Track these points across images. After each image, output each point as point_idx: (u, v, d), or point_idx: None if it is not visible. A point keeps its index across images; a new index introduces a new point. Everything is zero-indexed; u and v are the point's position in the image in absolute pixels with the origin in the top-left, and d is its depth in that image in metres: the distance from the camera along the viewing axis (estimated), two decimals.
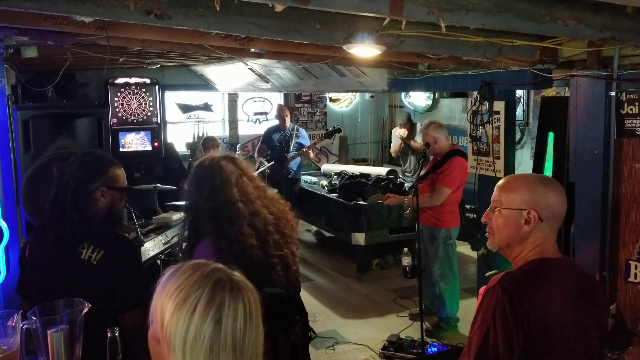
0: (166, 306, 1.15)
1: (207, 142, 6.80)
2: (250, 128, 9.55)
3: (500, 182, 1.76)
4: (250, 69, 6.98)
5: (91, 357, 1.78)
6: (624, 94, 3.28)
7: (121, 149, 7.04)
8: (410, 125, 7.33)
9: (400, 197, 4.91)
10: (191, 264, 1.21)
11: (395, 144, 7.53)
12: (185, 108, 9.11)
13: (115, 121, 7.15)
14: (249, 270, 1.57)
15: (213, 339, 1.11)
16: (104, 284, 2.00)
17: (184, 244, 2.24)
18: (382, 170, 7.11)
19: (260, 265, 2.15)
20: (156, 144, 7.30)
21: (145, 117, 7.40)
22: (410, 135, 7.19)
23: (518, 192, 1.66)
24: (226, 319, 1.12)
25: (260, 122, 9.54)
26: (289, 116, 6.95)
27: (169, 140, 8.31)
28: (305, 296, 5.49)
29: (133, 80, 7.43)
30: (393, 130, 7.98)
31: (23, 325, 1.72)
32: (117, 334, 1.72)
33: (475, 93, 4.54)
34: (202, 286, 1.14)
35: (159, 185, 5.65)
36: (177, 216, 5.22)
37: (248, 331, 1.15)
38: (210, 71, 8.22)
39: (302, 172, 7.35)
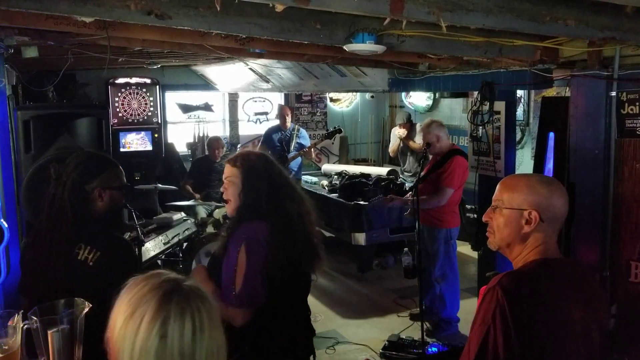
0: (117, 318, 1.14)
1: (212, 142, 6.82)
2: (251, 128, 9.55)
3: (502, 181, 1.76)
4: (250, 69, 6.98)
5: (87, 357, 1.77)
6: (624, 94, 3.28)
7: (122, 149, 7.05)
8: (410, 125, 7.32)
9: (403, 198, 4.90)
10: (147, 275, 1.21)
11: (393, 144, 7.55)
12: (186, 108, 9.12)
13: (115, 121, 7.16)
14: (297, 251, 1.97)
15: (159, 354, 1.10)
16: (99, 286, 1.99)
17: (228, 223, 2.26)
18: (383, 171, 7.11)
19: (305, 250, 2.24)
20: (157, 140, 7.31)
21: (145, 117, 7.40)
22: (409, 135, 7.19)
23: (520, 191, 1.66)
24: (172, 333, 1.11)
25: (260, 122, 9.54)
26: (289, 116, 6.95)
27: (170, 140, 8.31)
28: None
29: (133, 80, 7.44)
30: (392, 130, 7.98)
31: (23, 325, 1.72)
32: None
33: (475, 93, 4.54)
34: (150, 299, 1.13)
35: (160, 185, 5.66)
36: (177, 216, 5.23)
37: (198, 344, 1.12)
38: (211, 71, 8.22)
39: (302, 172, 7.35)
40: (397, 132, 7.41)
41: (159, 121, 7.50)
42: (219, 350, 1.17)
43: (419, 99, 9.11)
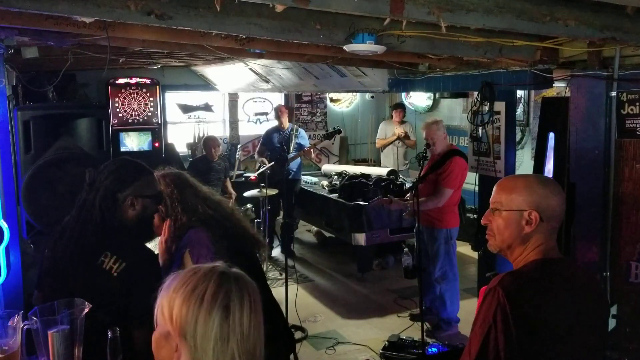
0: (174, 301, 1.17)
1: (208, 142, 6.82)
2: (251, 128, 9.56)
3: (500, 183, 1.75)
4: (250, 69, 6.98)
5: None
6: (624, 94, 3.28)
7: (122, 149, 7.05)
8: (403, 111, 7.93)
9: (402, 202, 4.88)
10: (192, 267, 1.25)
11: (387, 139, 7.92)
12: (186, 108, 9.12)
13: (115, 121, 7.16)
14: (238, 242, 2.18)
15: (222, 325, 1.14)
16: (121, 297, 1.96)
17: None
18: (383, 171, 7.12)
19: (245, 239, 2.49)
20: (156, 144, 7.31)
21: (145, 118, 7.40)
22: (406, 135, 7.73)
23: (518, 193, 1.65)
24: (234, 306, 1.16)
25: (260, 123, 9.54)
26: (286, 115, 6.95)
27: (170, 140, 8.31)
28: (305, 296, 5.52)
29: (134, 80, 7.44)
30: (381, 124, 8.19)
31: (23, 325, 1.72)
32: (117, 335, 1.72)
33: (475, 93, 4.54)
34: (208, 278, 1.18)
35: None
36: None
37: (253, 319, 1.18)
38: (211, 71, 8.22)
39: (302, 173, 7.35)
40: (398, 131, 7.72)
41: (159, 121, 7.51)
42: (262, 328, 1.23)
43: (419, 99, 9.11)
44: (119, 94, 7.34)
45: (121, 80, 7.39)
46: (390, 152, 7.98)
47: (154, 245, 2.31)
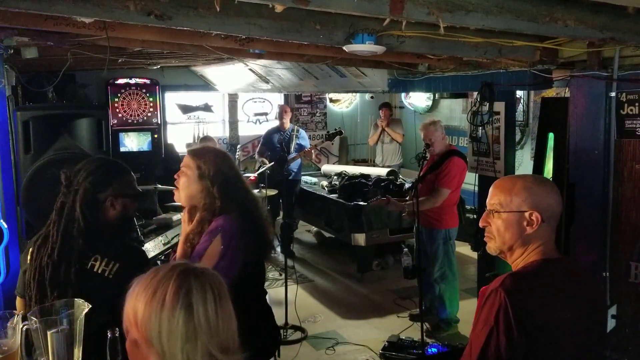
0: (137, 307, 1.17)
1: (205, 142, 6.82)
2: (251, 129, 9.56)
3: (496, 184, 1.72)
4: (250, 69, 6.98)
5: None
6: (624, 94, 3.28)
7: (122, 150, 7.05)
8: (389, 109, 8.13)
9: (400, 204, 4.87)
10: (153, 268, 1.25)
11: (374, 134, 8.18)
12: (186, 109, 9.12)
13: (115, 122, 7.16)
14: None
15: (187, 324, 1.14)
16: (119, 297, 1.95)
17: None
18: (382, 171, 7.13)
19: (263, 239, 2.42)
20: (156, 140, 7.32)
21: (145, 118, 7.40)
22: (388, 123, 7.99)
23: (517, 194, 1.64)
24: (196, 302, 1.15)
25: (260, 123, 9.55)
26: (289, 116, 6.95)
27: (169, 140, 8.31)
28: (305, 297, 5.52)
29: (133, 80, 7.44)
30: (373, 125, 8.41)
31: (23, 325, 1.72)
32: (117, 335, 1.72)
33: (475, 94, 4.54)
34: (168, 279, 1.18)
35: (159, 186, 5.65)
36: (177, 217, 5.22)
37: (220, 312, 1.17)
38: (211, 72, 8.22)
39: (302, 173, 7.36)
40: (379, 121, 8.07)
41: (159, 122, 7.51)
42: (233, 320, 1.22)
43: (418, 100, 9.11)
44: (119, 94, 7.35)
45: (121, 81, 7.39)
46: (381, 149, 8.22)
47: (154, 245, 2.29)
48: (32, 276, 2.03)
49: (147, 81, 7.51)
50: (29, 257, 2.09)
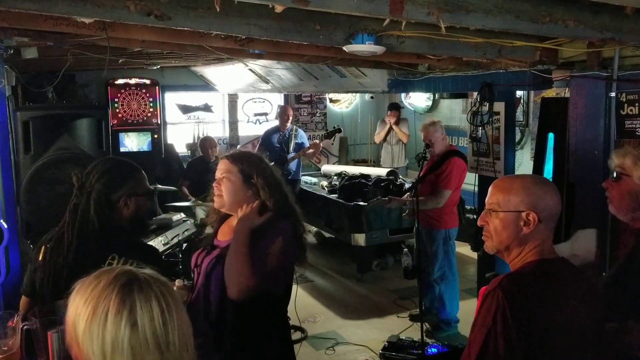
0: (78, 323, 1.10)
1: (205, 142, 6.83)
2: (250, 129, 9.55)
3: (495, 183, 1.73)
4: (250, 69, 6.98)
5: None
6: (624, 94, 3.28)
7: (121, 150, 7.05)
8: (398, 112, 8.13)
9: (402, 199, 4.89)
10: (94, 274, 1.17)
11: (381, 131, 8.21)
12: (185, 109, 9.12)
13: (115, 122, 7.16)
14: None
15: (133, 343, 1.07)
16: None
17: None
18: (382, 171, 7.13)
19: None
20: (156, 140, 7.32)
21: (145, 118, 7.41)
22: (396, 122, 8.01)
23: (515, 194, 1.64)
24: (142, 319, 1.08)
25: (260, 123, 9.54)
26: (291, 117, 6.94)
27: (169, 141, 8.32)
28: (305, 297, 5.52)
29: (133, 81, 7.44)
30: (380, 121, 8.44)
31: (23, 325, 1.72)
32: None
33: (475, 94, 4.54)
34: (109, 294, 1.10)
35: (159, 186, 5.66)
36: (177, 217, 5.22)
37: (169, 325, 1.11)
38: (210, 72, 8.22)
39: (302, 173, 7.35)
40: (387, 118, 8.09)
41: (159, 122, 7.51)
42: (187, 329, 1.16)
43: (418, 100, 9.11)
44: (119, 94, 7.34)
45: (121, 81, 7.39)
46: (388, 150, 8.23)
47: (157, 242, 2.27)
48: (47, 277, 2.02)
49: (147, 81, 7.51)
50: (40, 256, 2.07)
